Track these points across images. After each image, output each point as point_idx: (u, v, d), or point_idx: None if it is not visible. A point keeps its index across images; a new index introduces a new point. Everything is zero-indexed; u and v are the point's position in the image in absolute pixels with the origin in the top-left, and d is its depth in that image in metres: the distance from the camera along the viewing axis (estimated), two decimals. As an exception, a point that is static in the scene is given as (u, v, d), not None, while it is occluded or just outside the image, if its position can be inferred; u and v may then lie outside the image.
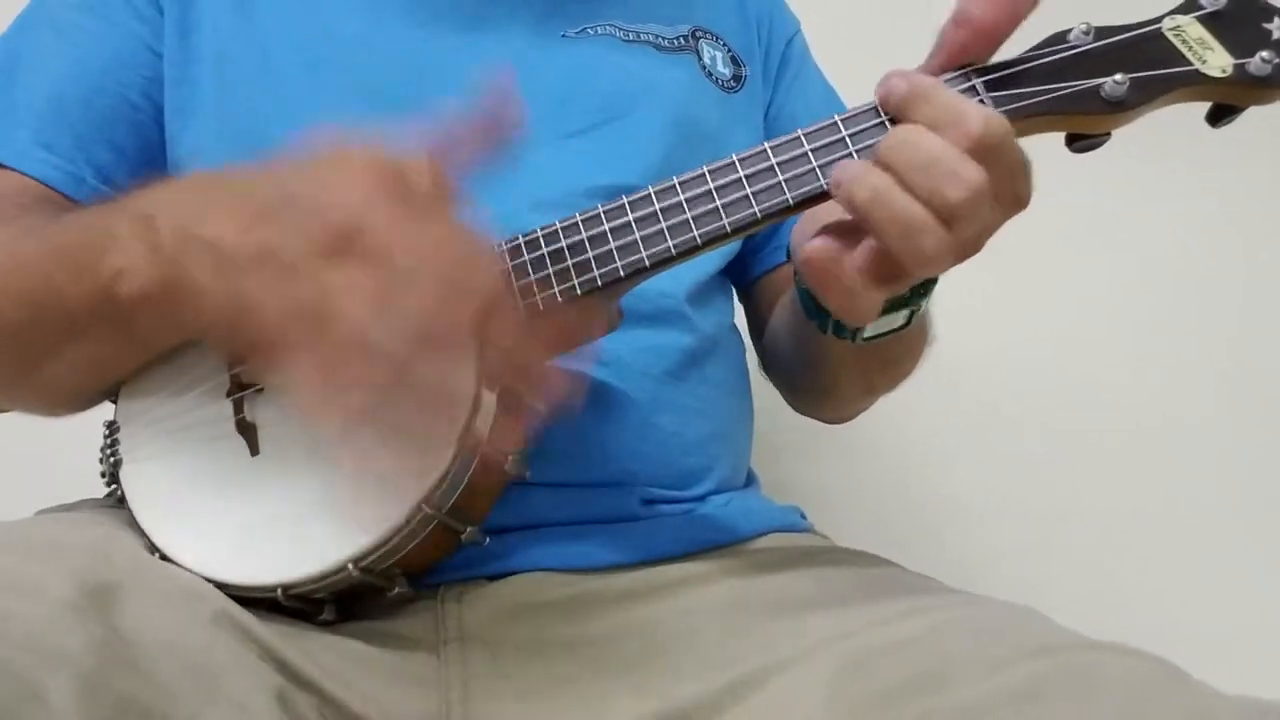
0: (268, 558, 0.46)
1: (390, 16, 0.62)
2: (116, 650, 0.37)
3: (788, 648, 0.46)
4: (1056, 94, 0.44)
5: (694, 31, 0.69)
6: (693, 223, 0.46)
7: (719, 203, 0.46)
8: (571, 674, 0.50)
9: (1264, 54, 0.43)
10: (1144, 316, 1.07)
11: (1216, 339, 1.06)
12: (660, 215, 0.46)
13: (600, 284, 0.47)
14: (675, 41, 0.68)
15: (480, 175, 0.42)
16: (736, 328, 0.70)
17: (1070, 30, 0.45)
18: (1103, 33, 0.45)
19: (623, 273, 0.47)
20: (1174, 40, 0.44)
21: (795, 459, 0.95)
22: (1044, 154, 0.46)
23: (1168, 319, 1.07)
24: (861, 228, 0.43)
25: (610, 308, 0.51)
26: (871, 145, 0.44)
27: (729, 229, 0.46)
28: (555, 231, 0.48)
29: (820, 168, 0.45)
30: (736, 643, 0.49)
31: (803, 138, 0.46)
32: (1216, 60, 0.44)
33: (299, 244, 0.38)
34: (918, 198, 0.41)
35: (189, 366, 0.50)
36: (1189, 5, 0.46)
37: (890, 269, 0.43)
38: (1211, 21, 0.45)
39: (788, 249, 0.53)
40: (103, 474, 0.51)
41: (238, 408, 0.48)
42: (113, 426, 0.51)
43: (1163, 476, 1.02)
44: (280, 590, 0.45)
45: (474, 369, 0.44)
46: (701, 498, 0.60)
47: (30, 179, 0.57)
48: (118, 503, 0.50)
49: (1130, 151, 0.54)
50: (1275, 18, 0.44)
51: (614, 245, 0.47)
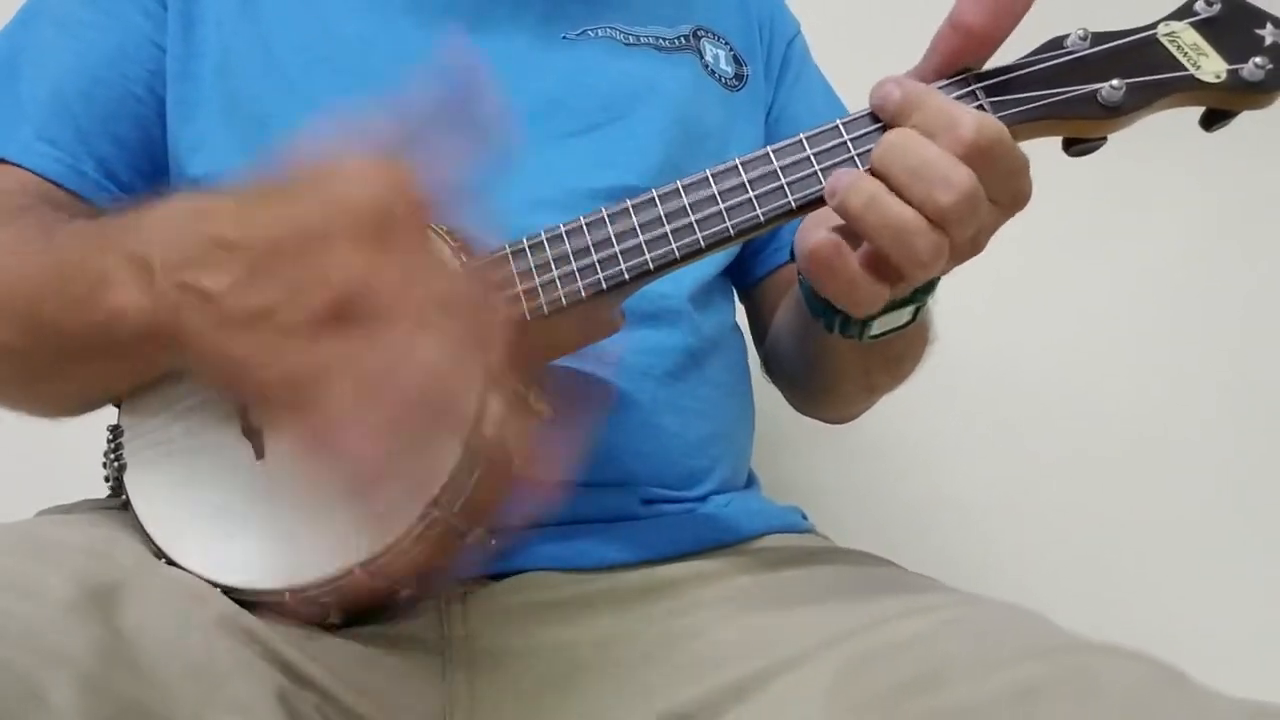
0: (274, 561, 0.46)
1: (393, 16, 0.62)
2: (118, 651, 0.37)
3: (789, 648, 0.47)
4: (1054, 99, 0.45)
5: (695, 31, 0.69)
6: (696, 225, 0.46)
7: (722, 206, 0.46)
8: (574, 674, 0.50)
9: (1257, 59, 0.44)
10: (1144, 318, 1.07)
11: (1216, 341, 1.07)
12: (664, 219, 0.47)
13: (605, 287, 0.47)
14: (676, 41, 0.68)
15: (483, 176, 0.41)
16: (738, 327, 0.70)
17: (1067, 36, 0.46)
18: (1099, 38, 0.45)
19: (627, 276, 0.47)
20: (1169, 46, 0.45)
21: (795, 459, 0.96)
22: (1046, 158, 0.47)
23: (1168, 320, 1.07)
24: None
25: (614, 312, 0.51)
26: (871, 150, 0.44)
27: (732, 232, 0.46)
28: (560, 234, 0.48)
29: (822, 171, 0.45)
30: (738, 643, 0.49)
31: (805, 141, 0.46)
32: (1211, 66, 0.45)
33: (295, 309, 0.37)
34: (910, 202, 0.42)
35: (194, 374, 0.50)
36: (1184, 11, 0.46)
37: (889, 271, 0.44)
38: (1205, 27, 0.45)
39: (791, 249, 0.54)
40: (107, 479, 0.51)
41: (243, 412, 0.48)
42: (116, 431, 0.51)
43: (1163, 477, 1.02)
44: (287, 594, 0.45)
45: (480, 374, 0.44)
46: (703, 498, 0.61)
47: (32, 174, 0.57)
48: (120, 505, 0.50)
49: (1132, 156, 0.55)
50: (1268, 24, 0.45)
51: (618, 248, 0.47)
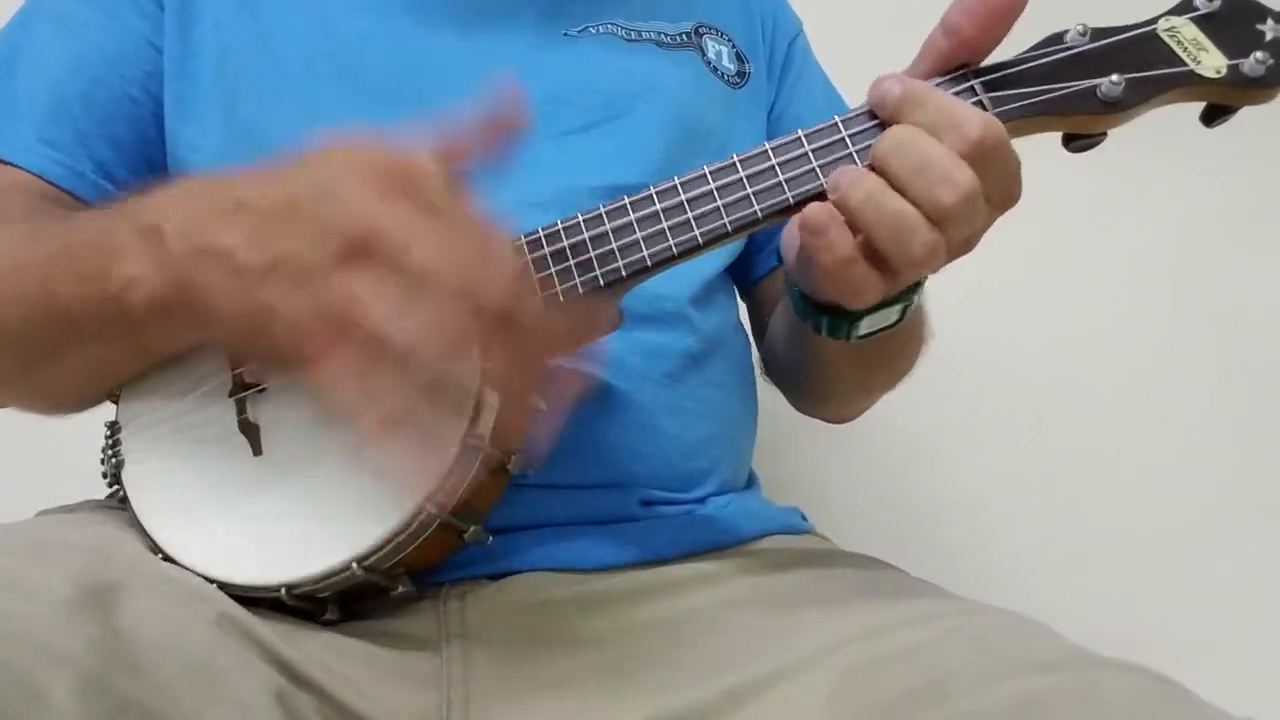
0: (271, 557, 0.46)
1: (393, 14, 0.62)
2: (117, 650, 0.37)
3: (788, 654, 0.46)
4: (1054, 94, 0.45)
5: (697, 28, 0.69)
6: (694, 222, 0.46)
7: (720, 202, 0.46)
8: (572, 674, 0.50)
9: (1258, 55, 0.44)
10: (1145, 317, 1.07)
11: (1216, 339, 1.06)
12: (662, 215, 0.47)
13: (602, 283, 0.47)
14: (678, 38, 0.68)
15: (484, 174, 0.41)
16: (741, 326, 0.70)
17: (1067, 31, 0.45)
18: (1099, 34, 0.45)
19: (624, 272, 0.47)
20: (1169, 41, 0.45)
21: (795, 459, 0.95)
22: (1043, 153, 0.47)
23: (1168, 319, 1.07)
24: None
25: (611, 309, 0.51)
26: (870, 146, 0.44)
27: (730, 228, 0.46)
28: (557, 231, 0.48)
29: (820, 168, 0.45)
30: (737, 647, 0.49)
31: (803, 138, 0.46)
32: (1211, 61, 0.44)
33: (314, 250, 0.37)
34: (911, 200, 0.42)
35: (190, 367, 0.50)
36: (1183, 6, 0.46)
37: (882, 267, 0.43)
38: (1206, 23, 0.45)
39: (779, 253, 0.53)
40: (104, 475, 0.51)
41: (240, 408, 0.48)
42: (114, 427, 0.51)
43: (1163, 478, 1.02)
44: (284, 590, 0.45)
45: (477, 368, 0.44)
46: (702, 499, 0.60)
47: (31, 175, 0.57)
48: (119, 503, 0.50)
49: (1130, 150, 0.55)
50: (1269, 19, 0.45)
51: (615, 245, 0.47)
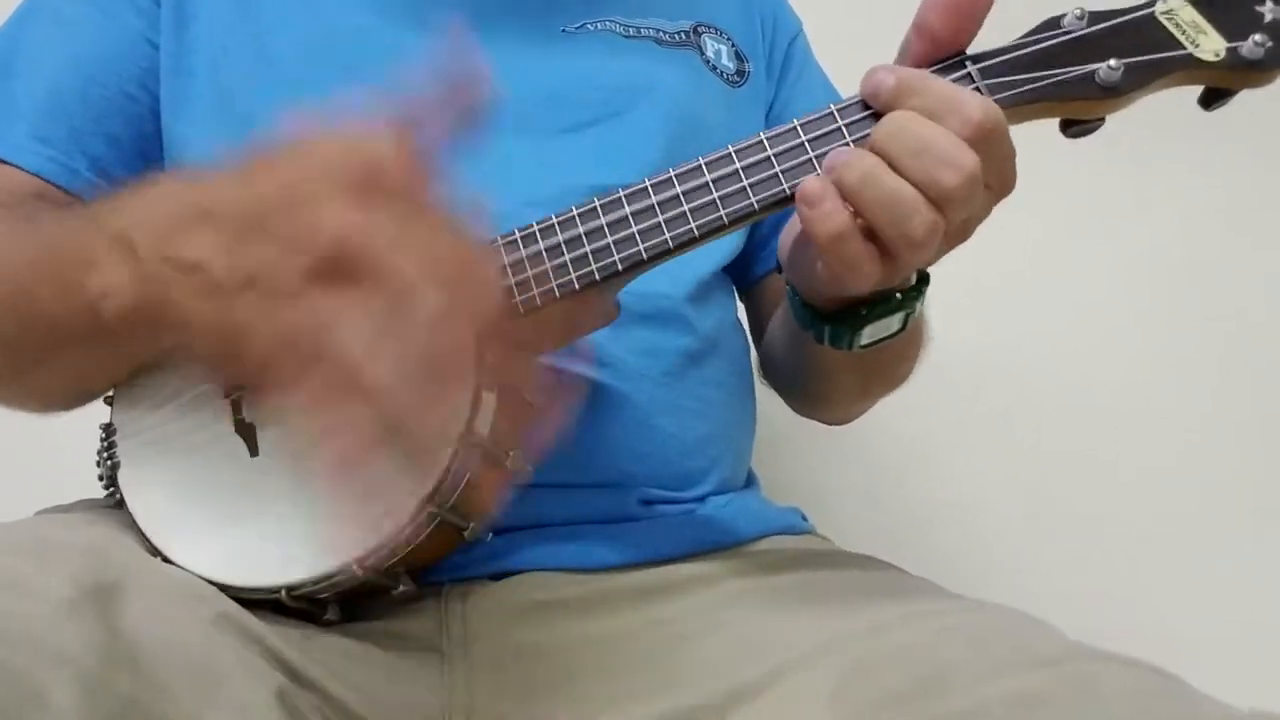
0: (270, 558, 0.45)
1: (391, 11, 0.62)
2: (117, 651, 0.37)
3: (789, 653, 0.46)
4: (1051, 80, 0.44)
5: (696, 27, 0.69)
6: (690, 215, 0.46)
7: (716, 194, 0.46)
8: (574, 675, 0.50)
9: (1257, 37, 0.43)
10: (1145, 316, 1.07)
11: (1216, 339, 1.06)
12: (657, 208, 0.46)
13: (598, 278, 0.46)
14: (677, 36, 0.67)
15: (454, 151, 0.39)
16: (740, 325, 0.70)
17: (1064, 15, 0.45)
18: (1096, 18, 0.45)
19: (620, 266, 0.46)
20: (1167, 24, 0.44)
21: (795, 459, 0.95)
22: (1043, 152, 0.46)
23: (1167, 319, 1.07)
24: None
25: (608, 302, 0.51)
26: (868, 135, 0.44)
27: (726, 220, 0.46)
28: (552, 225, 0.47)
29: (817, 158, 0.45)
30: (737, 647, 0.49)
31: (799, 128, 0.46)
32: (1209, 44, 0.44)
33: (287, 267, 0.36)
34: (912, 182, 0.41)
35: (184, 369, 0.49)
36: (1181, -11, 0.46)
37: (882, 249, 0.43)
38: (1204, 5, 0.45)
39: (777, 260, 0.53)
40: (100, 477, 0.51)
41: (236, 408, 0.48)
42: (109, 430, 0.51)
43: (1162, 478, 1.02)
44: (284, 591, 0.45)
45: (473, 367, 0.44)
46: (701, 499, 0.60)
47: (24, 172, 0.57)
48: (117, 504, 0.49)
49: (1129, 149, 0.55)
50: (1267, 0, 0.44)
51: (611, 239, 0.46)
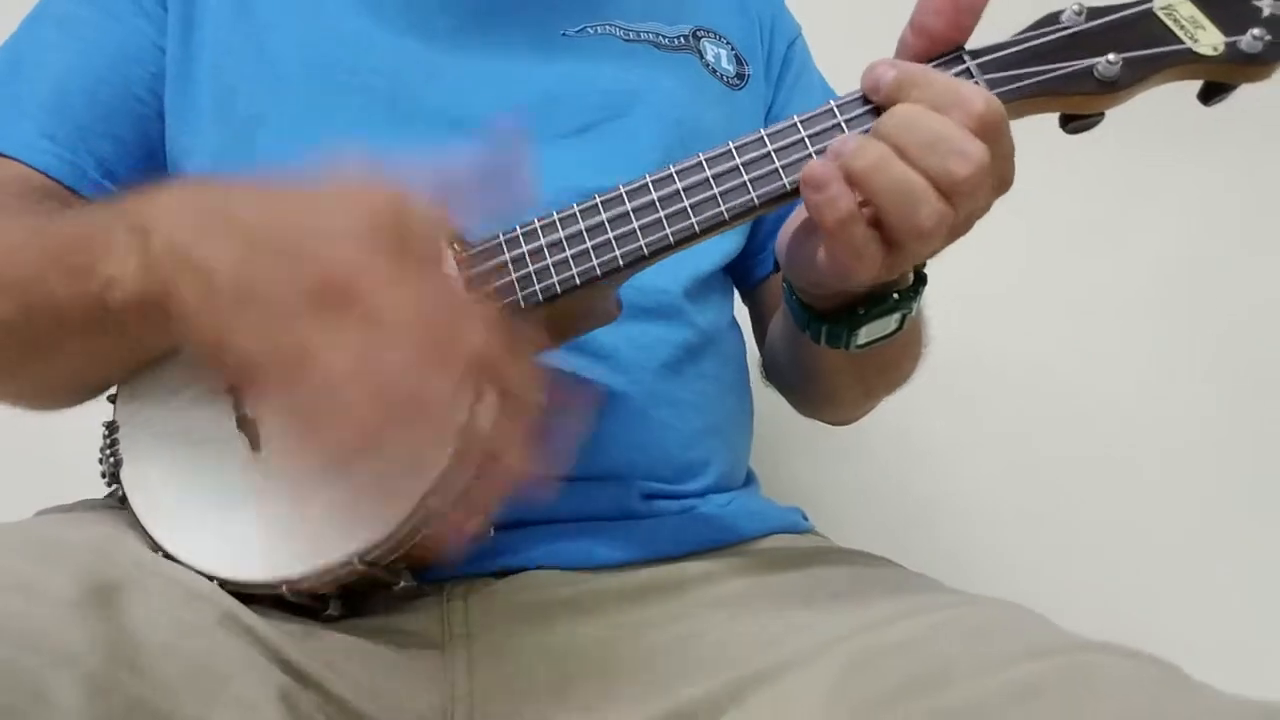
0: (272, 553, 0.45)
1: (390, 15, 0.62)
2: (122, 650, 0.37)
3: (789, 649, 0.46)
4: (1051, 75, 0.44)
5: (695, 31, 0.69)
6: (690, 210, 0.46)
7: (716, 190, 0.46)
8: (575, 673, 0.50)
9: (1255, 31, 0.44)
10: (1145, 316, 1.07)
11: (1216, 338, 1.06)
12: (658, 204, 0.46)
13: (599, 274, 0.47)
14: (676, 41, 0.68)
15: (485, 220, 0.42)
16: (737, 324, 0.70)
17: (1063, 11, 0.45)
18: (1095, 13, 0.45)
19: (621, 262, 0.46)
20: (1165, 19, 0.45)
21: (795, 459, 0.96)
22: (1043, 152, 0.46)
23: (1168, 318, 1.07)
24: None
25: (609, 299, 0.51)
26: (867, 131, 0.44)
27: (727, 215, 0.46)
28: (553, 222, 0.47)
29: (817, 153, 0.45)
30: (739, 644, 0.49)
31: (799, 124, 0.46)
32: (1208, 38, 0.44)
33: (288, 288, 0.38)
34: (921, 173, 0.41)
35: (186, 365, 0.49)
36: (1180, -16, 0.46)
37: (887, 239, 0.43)
38: (1202, 0, 0.45)
39: (776, 260, 0.53)
40: (103, 475, 0.51)
41: (238, 405, 0.48)
42: (112, 427, 0.51)
43: (1163, 476, 1.02)
44: (285, 586, 0.45)
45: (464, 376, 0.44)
46: (701, 494, 0.60)
47: (32, 169, 0.57)
48: (118, 503, 0.50)
49: (1130, 149, 0.55)
50: (1265, -5, 0.45)
51: (612, 235, 0.47)
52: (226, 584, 0.45)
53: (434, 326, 0.38)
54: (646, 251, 0.46)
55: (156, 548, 0.47)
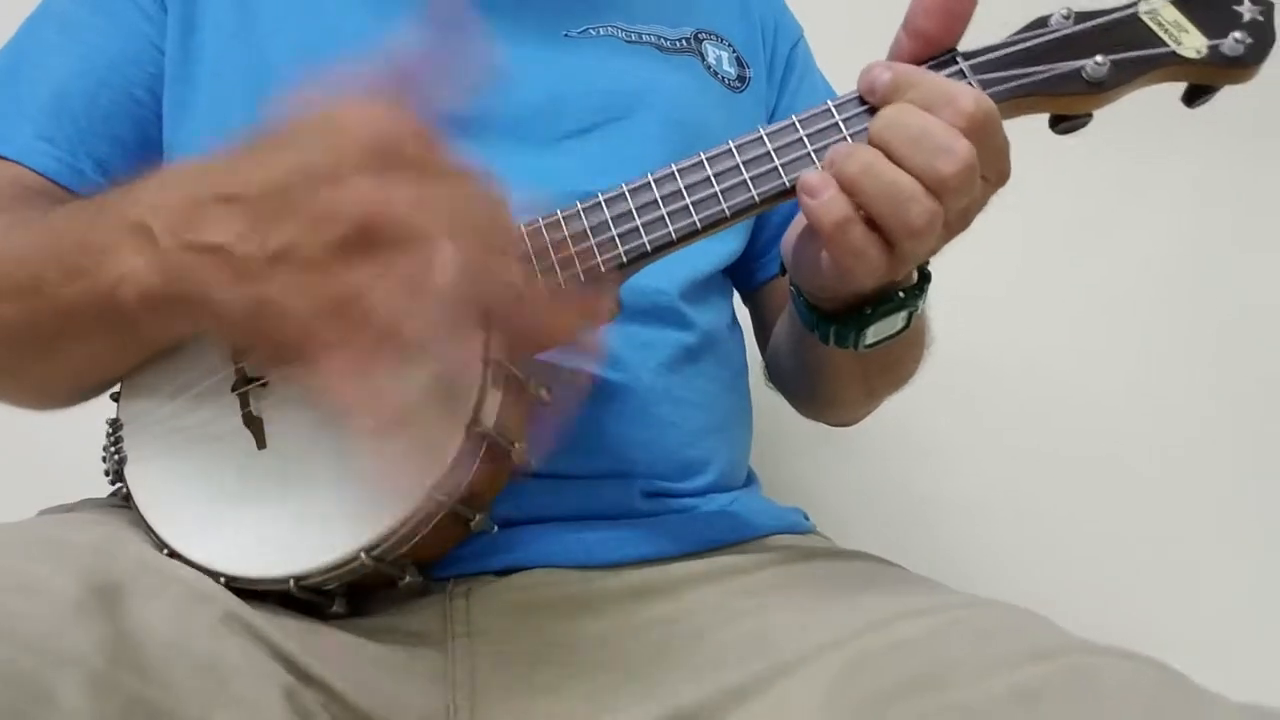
0: (278, 550, 0.45)
1: (392, 15, 0.62)
2: (125, 650, 0.37)
3: (791, 650, 0.46)
4: (1040, 76, 0.46)
5: (697, 34, 0.70)
6: (692, 208, 0.47)
7: (717, 188, 0.47)
8: (577, 671, 0.50)
9: (1236, 34, 0.45)
10: (1145, 316, 1.08)
11: (1219, 340, 1.07)
12: (660, 201, 0.47)
13: (603, 270, 0.47)
14: (678, 43, 0.68)
15: (456, 106, 0.40)
16: (737, 325, 0.71)
17: (1051, 15, 0.47)
18: (1082, 17, 0.47)
19: (625, 258, 0.47)
20: (1150, 23, 0.46)
21: (795, 459, 0.96)
22: (1043, 152, 0.48)
23: (1168, 318, 1.08)
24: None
25: (609, 298, 0.51)
26: (864, 130, 0.45)
27: (728, 212, 0.47)
28: (557, 220, 0.48)
29: (815, 152, 0.46)
30: (740, 644, 0.49)
31: (798, 123, 0.47)
32: (1191, 42, 0.46)
33: (315, 241, 0.37)
34: (909, 171, 0.42)
35: (191, 362, 0.50)
36: (1164, -11, 0.48)
37: (883, 238, 0.44)
38: (1185, 5, 0.46)
39: (782, 263, 0.54)
40: (107, 473, 0.50)
41: (243, 401, 0.48)
42: (115, 424, 0.51)
43: (1163, 474, 1.02)
44: (292, 581, 0.45)
45: (480, 357, 0.44)
46: (702, 493, 0.61)
47: (30, 171, 0.57)
48: (121, 501, 0.49)
49: (1129, 149, 0.56)
50: (1245, 0, 0.46)
51: (615, 232, 0.48)
52: (233, 581, 0.45)
53: (466, 221, 0.37)
54: (649, 248, 0.47)
55: (161, 546, 0.47)
